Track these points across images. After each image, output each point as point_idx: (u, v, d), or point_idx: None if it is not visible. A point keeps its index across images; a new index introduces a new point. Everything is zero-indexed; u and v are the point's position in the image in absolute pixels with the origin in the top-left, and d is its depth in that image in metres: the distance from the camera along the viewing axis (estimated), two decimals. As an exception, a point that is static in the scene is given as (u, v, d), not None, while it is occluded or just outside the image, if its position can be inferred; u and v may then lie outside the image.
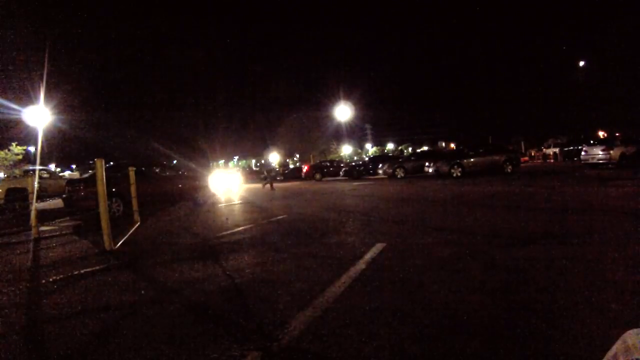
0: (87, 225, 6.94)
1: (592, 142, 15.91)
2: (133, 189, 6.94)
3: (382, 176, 18.39)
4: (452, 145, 48.15)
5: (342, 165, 24.24)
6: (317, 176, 22.86)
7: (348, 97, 33.73)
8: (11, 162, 14.15)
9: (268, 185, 15.48)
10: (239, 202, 10.42)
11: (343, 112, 33.42)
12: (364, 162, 23.26)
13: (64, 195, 8.42)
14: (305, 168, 25.41)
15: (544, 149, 31.74)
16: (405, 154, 45.37)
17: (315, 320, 1.92)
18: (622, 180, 8.34)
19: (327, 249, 3.56)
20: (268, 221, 5.83)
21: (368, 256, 3.12)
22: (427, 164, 15.69)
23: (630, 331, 0.65)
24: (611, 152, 13.24)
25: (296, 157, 53.49)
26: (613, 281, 2.18)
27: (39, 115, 13.16)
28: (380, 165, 19.05)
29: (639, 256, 2.64)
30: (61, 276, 3.23)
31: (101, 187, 4.36)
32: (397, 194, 9.06)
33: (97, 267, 3.47)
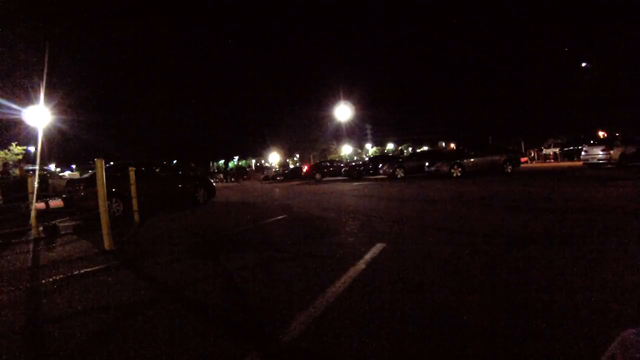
0: (87, 225, 6.94)
1: (592, 142, 15.90)
2: (133, 189, 6.94)
3: (382, 176, 18.39)
4: (452, 145, 48.10)
5: (342, 165, 24.20)
6: (317, 176, 22.86)
7: (348, 97, 33.74)
8: (11, 162, 14.17)
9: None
10: (239, 202, 10.42)
11: (343, 112, 33.41)
12: (364, 162, 23.21)
13: (64, 195, 8.42)
14: (305, 168, 25.43)
15: (544, 149, 31.73)
16: (405, 154, 45.37)
17: (315, 320, 1.92)
18: (622, 180, 8.34)
19: (327, 249, 3.56)
20: (268, 221, 5.83)
21: (368, 256, 3.12)
22: (427, 164, 15.67)
23: (629, 330, 0.65)
24: (611, 152, 13.25)
25: (296, 157, 53.47)
26: (613, 281, 2.18)
27: (39, 115, 13.14)
28: (380, 165, 19.04)
29: (638, 256, 2.64)
30: (61, 276, 3.22)
31: (101, 187, 4.36)
32: (397, 194, 9.06)
33: (97, 267, 3.47)
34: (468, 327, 1.74)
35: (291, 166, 39.39)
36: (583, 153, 14.74)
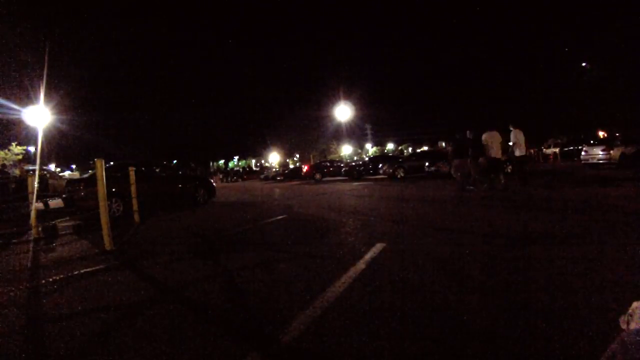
0: (87, 225, 6.94)
1: (592, 142, 15.90)
2: (133, 189, 6.94)
3: (382, 176, 18.39)
4: (452, 145, 47.96)
5: (342, 165, 24.20)
6: (317, 176, 22.85)
7: (348, 97, 33.74)
8: (11, 162, 14.16)
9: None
10: (239, 202, 10.42)
11: (343, 112, 33.39)
12: (364, 162, 23.18)
13: (64, 195, 8.41)
14: (305, 168, 25.38)
15: (544, 149, 31.73)
16: (405, 154, 45.38)
17: (315, 320, 1.92)
18: (622, 180, 8.34)
19: (327, 248, 3.56)
20: (268, 221, 5.83)
21: (368, 256, 3.12)
22: (427, 164, 15.66)
23: (629, 330, 0.65)
24: (611, 152, 13.23)
25: (296, 157, 53.48)
26: (613, 281, 2.18)
27: (39, 115, 13.15)
28: (380, 165, 19.03)
29: (638, 256, 2.64)
30: (61, 276, 3.23)
31: (101, 187, 4.36)
32: (397, 194, 9.06)
33: (97, 267, 3.48)
34: (468, 327, 1.74)
35: (291, 166, 39.38)
36: (583, 153, 14.72)
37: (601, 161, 13.58)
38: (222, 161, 66.96)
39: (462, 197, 7.27)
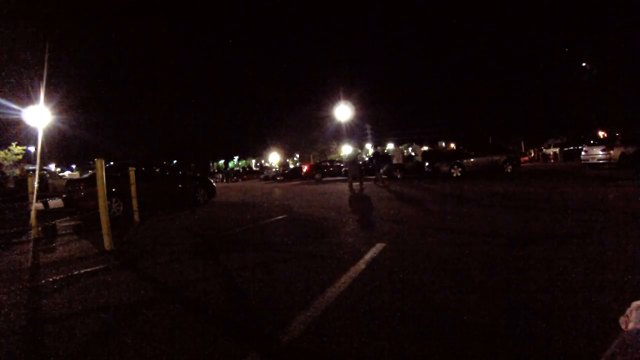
0: (87, 225, 6.94)
1: (592, 142, 15.90)
2: (133, 189, 6.94)
3: (383, 176, 18.36)
4: (452, 145, 48.07)
5: (342, 165, 24.21)
6: (317, 176, 22.88)
7: (348, 97, 33.68)
8: (11, 162, 14.17)
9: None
10: (239, 202, 10.42)
11: (343, 112, 33.33)
12: (364, 162, 23.21)
13: (64, 195, 8.42)
14: (305, 168, 25.42)
15: (544, 149, 31.74)
16: (405, 154, 45.37)
17: (315, 320, 1.92)
18: (622, 180, 8.34)
19: (327, 249, 3.56)
20: (268, 221, 5.83)
21: (368, 256, 3.12)
22: (426, 164, 15.67)
23: (629, 330, 0.65)
24: (611, 152, 13.23)
25: (296, 157, 53.51)
26: (613, 281, 2.18)
27: (39, 115, 13.15)
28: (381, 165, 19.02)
29: (638, 256, 2.64)
30: (61, 276, 3.23)
31: (101, 187, 4.36)
32: (397, 194, 9.06)
33: (97, 267, 3.47)
34: (468, 327, 1.74)
35: (291, 166, 39.40)
36: (583, 153, 14.72)
37: (601, 161, 13.58)
38: (222, 161, 66.88)
39: (462, 197, 7.27)
